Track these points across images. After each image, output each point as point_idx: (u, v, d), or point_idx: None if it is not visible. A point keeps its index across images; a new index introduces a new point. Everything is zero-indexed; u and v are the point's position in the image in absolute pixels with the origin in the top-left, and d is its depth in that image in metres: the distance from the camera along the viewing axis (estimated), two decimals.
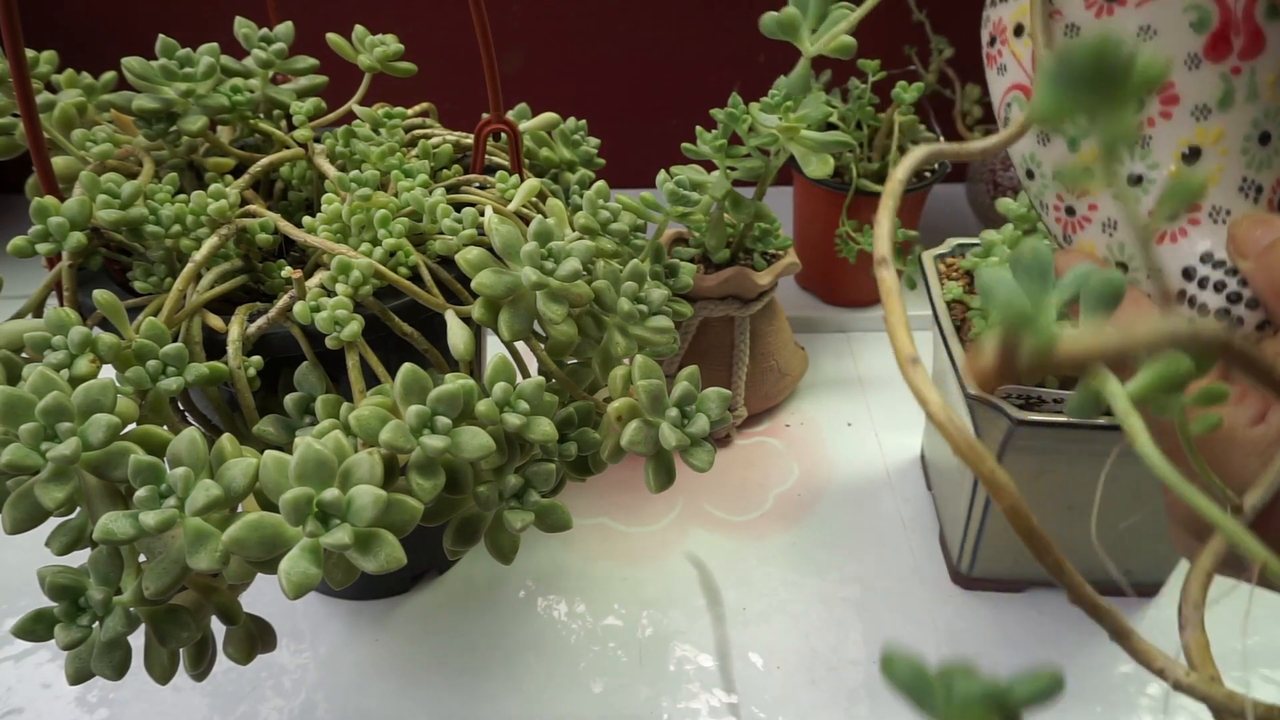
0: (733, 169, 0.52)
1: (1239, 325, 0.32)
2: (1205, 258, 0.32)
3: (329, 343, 0.36)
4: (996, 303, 0.21)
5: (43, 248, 0.36)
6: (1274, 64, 0.29)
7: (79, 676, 0.32)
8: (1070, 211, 0.35)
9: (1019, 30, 0.34)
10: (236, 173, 0.45)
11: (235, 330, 0.36)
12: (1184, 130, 0.31)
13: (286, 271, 0.36)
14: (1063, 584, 0.18)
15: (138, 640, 0.33)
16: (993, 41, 0.35)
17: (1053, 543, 0.17)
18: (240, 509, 0.32)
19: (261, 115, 0.47)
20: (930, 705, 0.16)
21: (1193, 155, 0.31)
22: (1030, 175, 0.36)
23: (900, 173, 0.26)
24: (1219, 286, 0.32)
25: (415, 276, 0.39)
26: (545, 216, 0.38)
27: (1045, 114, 0.11)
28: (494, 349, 0.42)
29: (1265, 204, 0.32)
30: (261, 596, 0.38)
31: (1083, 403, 0.22)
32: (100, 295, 0.34)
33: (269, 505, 0.31)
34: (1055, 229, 0.36)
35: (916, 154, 0.27)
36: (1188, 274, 0.33)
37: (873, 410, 0.66)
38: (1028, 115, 0.31)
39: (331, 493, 0.30)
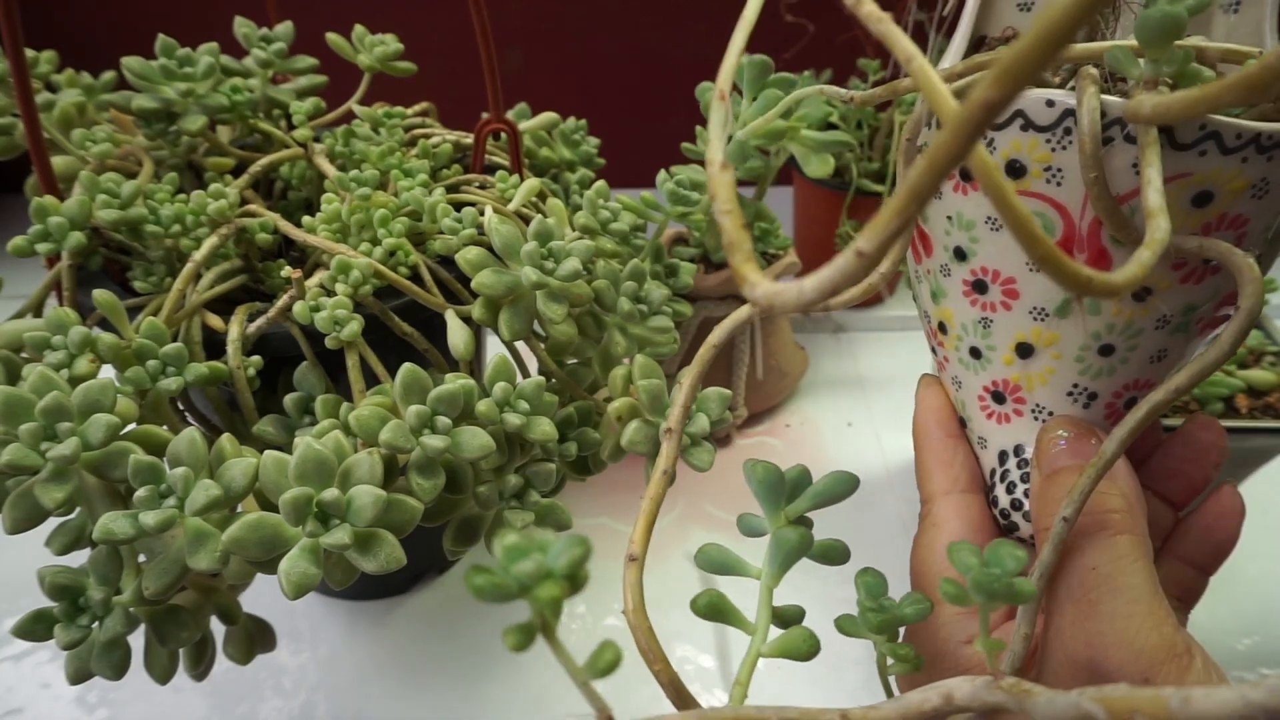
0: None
1: (1014, 531, 0.33)
2: (1017, 450, 0.32)
3: (329, 342, 0.35)
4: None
5: (42, 247, 0.36)
6: None
7: (79, 676, 0.32)
8: (934, 351, 0.36)
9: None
10: (236, 172, 0.45)
11: (235, 330, 0.36)
12: (1020, 325, 0.31)
13: (286, 271, 0.36)
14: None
15: (137, 640, 0.33)
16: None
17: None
18: (240, 509, 0.32)
19: (261, 115, 0.46)
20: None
21: (1025, 351, 0.31)
22: (914, 300, 0.36)
23: (713, 338, 0.30)
24: (1010, 487, 0.32)
25: (415, 276, 0.39)
26: (545, 216, 0.38)
27: None
28: (494, 349, 0.42)
29: (1102, 409, 0.31)
30: (261, 596, 0.38)
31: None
32: (100, 295, 0.34)
33: (269, 505, 0.31)
34: (930, 351, 0.37)
35: (734, 317, 0.30)
36: (1001, 458, 0.33)
37: (873, 410, 0.66)
38: None
39: (331, 493, 0.30)
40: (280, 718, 0.46)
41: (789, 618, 0.26)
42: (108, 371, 0.33)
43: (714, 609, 0.25)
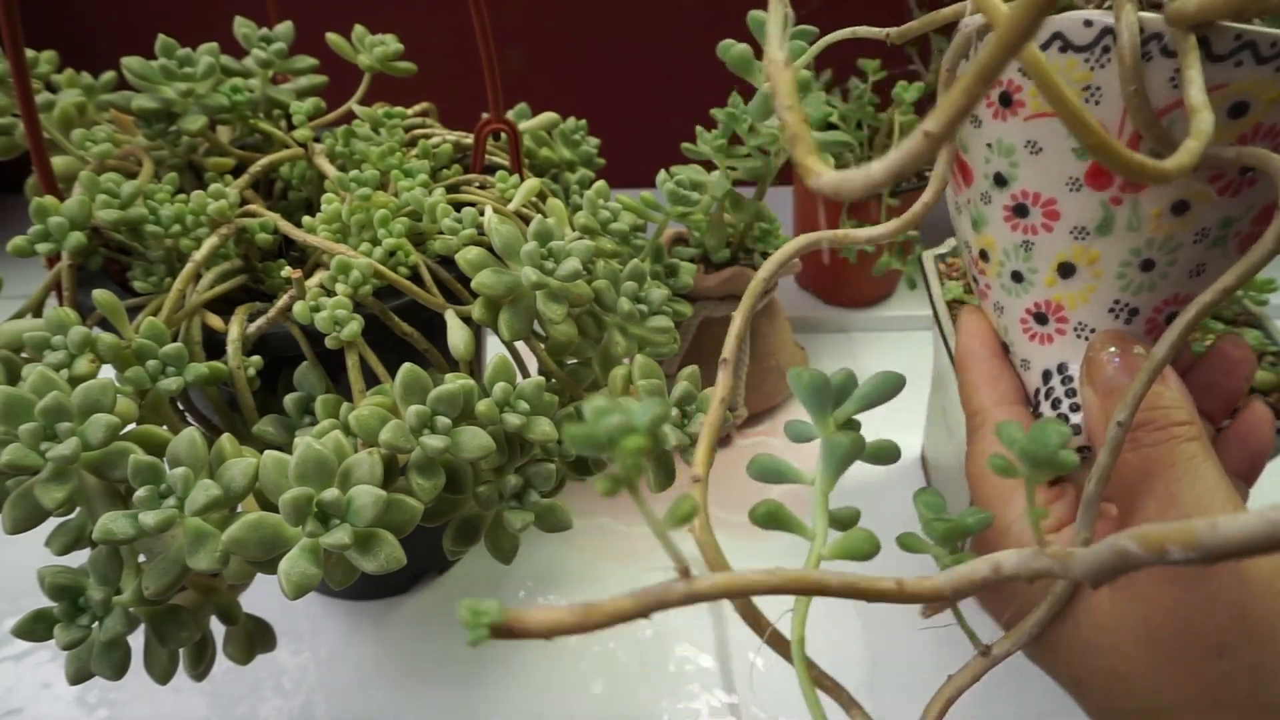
0: (733, 169, 0.52)
1: None
2: (1061, 369, 0.33)
3: (329, 342, 0.35)
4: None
5: (42, 247, 0.36)
6: (1159, 198, 0.29)
7: (79, 676, 0.32)
8: (975, 280, 0.36)
9: None
10: (236, 172, 0.45)
11: (235, 330, 0.36)
12: (1062, 246, 0.31)
13: (286, 271, 0.36)
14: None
15: (137, 640, 0.33)
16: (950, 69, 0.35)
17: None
18: (240, 509, 0.32)
19: (261, 115, 0.46)
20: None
21: (1067, 270, 0.32)
22: (956, 231, 0.37)
23: (764, 272, 0.30)
24: (1055, 403, 0.33)
25: (415, 276, 0.39)
26: (545, 216, 0.38)
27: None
28: (494, 349, 0.42)
29: (1143, 325, 0.32)
30: (261, 596, 0.38)
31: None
32: (100, 295, 0.34)
33: (269, 505, 0.31)
34: (970, 281, 0.38)
35: (790, 248, 0.31)
36: (1045, 377, 0.34)
37: (873, 410, 0.65)
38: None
39: (331, 493, 0.30)
40: (280, 718, 0.46)
41: (845, 520, 0.27)
42: (108, 371, 0.33)
43: (772, 517, 0.26)
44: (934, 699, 0.26)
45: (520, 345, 0.40)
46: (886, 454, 0.29)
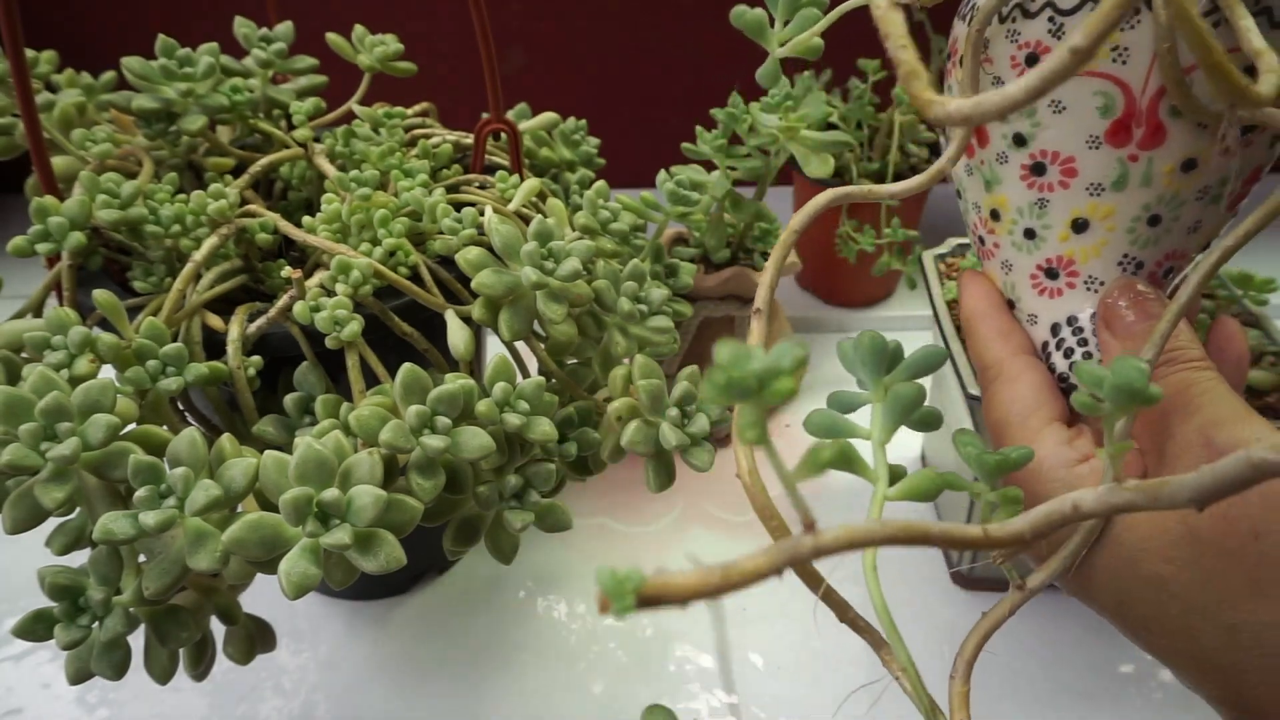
0: (733, 169, 0.52)
1: (1072, 393, 0.35)
2: (1070, 320, 0.35)
3: (329, 343, 0.35)
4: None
5: (42, 247, 0.36)
6: (1172, 155, 0.31)
7: (79, 676, 0.32)
8: (981, 241, 0.38)
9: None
10: (236, 172, 0.45)
11: (235, 330, 0.36)
12: (1077, 202, 0.33)
13: (286, 271, 0.36)
14: None
15: (137, 640, 0.33)
16: (948, 57, 0.36)
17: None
18: (240, 509, 0.32)
19: (261, 115, 0.47)
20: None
21: (1081, 226, 0.33)
22: (959, 195, 0.38)
23: (795, 223, 0.32)
24: (1068, 353, 0.35)
25: (415, 276, 0.39)
26: (545, 216, 0.38)
27: (709, 399, 0.14)
28: (494, 349, 0.42)
29: (1147, 277, 0.34)
30: (261, 596, 0.38)
31: None
32: (100, 295, 0.34)
33: (269, 505, 0.31)
34: (974, 243, 0.39)
35: (821, 199, 0.30)
36: (1054, 329, 0.35)
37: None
38: None
39: (331, 493, 0.30)
40: (280, 718, 0.46)
41: (896, 474, 0.28)
42: (108, 372, 0.33)
43: (843, 457, 0.26)
44: (971, 633, 0.27)
45: (520, 345, 0.40)
46: (934, 419, 0.31)
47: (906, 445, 0.62)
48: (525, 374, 0.37)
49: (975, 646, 0.27)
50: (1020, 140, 0.33)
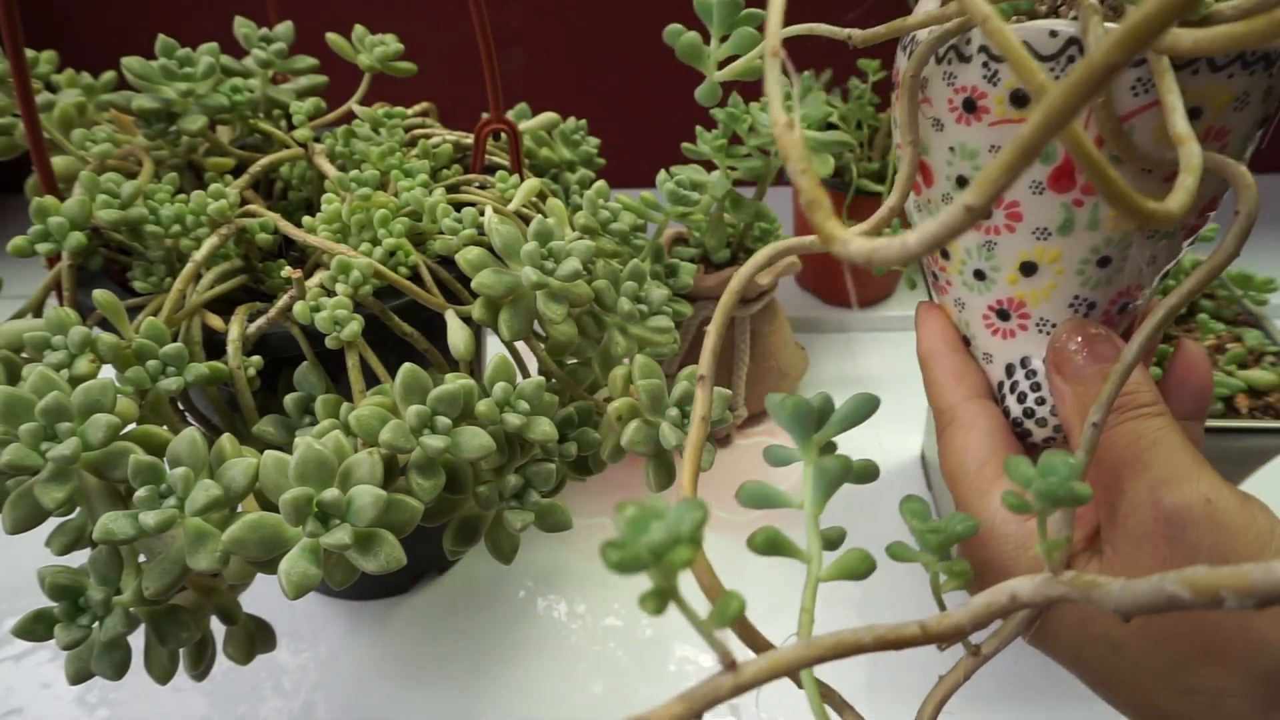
0: (733, 169, 0.52)
1: (1027, 437, 0.35)
2: (1024, 362, 0.34)
3: (329, 342, 0.35)
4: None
5: (42, 247, 0.36)
6: None
7: (79, 676, 0.32)
8: (935, 276, 0.37)
9: None
10: (236, 172, 0.45)
11: (235, 330, 0.36)
12: (1024, 245, 0.32)
13: (286, 271, 0.36)
14: None
15: (137, 640, 0.33)
16: (893, 87, 0.35)
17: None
18: (240, 509, 0.32)
19: (261, 115, 0.47)
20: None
21: (1029, 269, 0.33)
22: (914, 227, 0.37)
23: (735, 284, 0.31)
24: (1021, 397, 0.34)
25: (415, 276, 0.39)
26: (545, 216, 0.38)
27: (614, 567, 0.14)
28: (494, 349, 0.42)
29: (1100, 316, 0.33)
30: (261, 596, 0.38)
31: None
32: (100, 295, 0.34)
33: (269, 505, 0.31)
34: (929, 277, 0.38)
35: (764, 252, 0.32)
36: (1009, 370, 0.35)
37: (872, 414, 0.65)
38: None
39: (331, 493, 0.30)
40: (280, 718, 0.46)
41: (833, 540, 0.28)
42: (108, 372, 0.33)
43: (772, 543, 0.26)
44: (926, 701, 0.27)
45: (520, 345, 0.40)
46: (869, 474, 0.30)
47: (905, 447, 0.62)
48: (525, 374, 0.37)
49: (933, 712, 0.27)
50: (964, 182, 0.32)
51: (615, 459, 0.38)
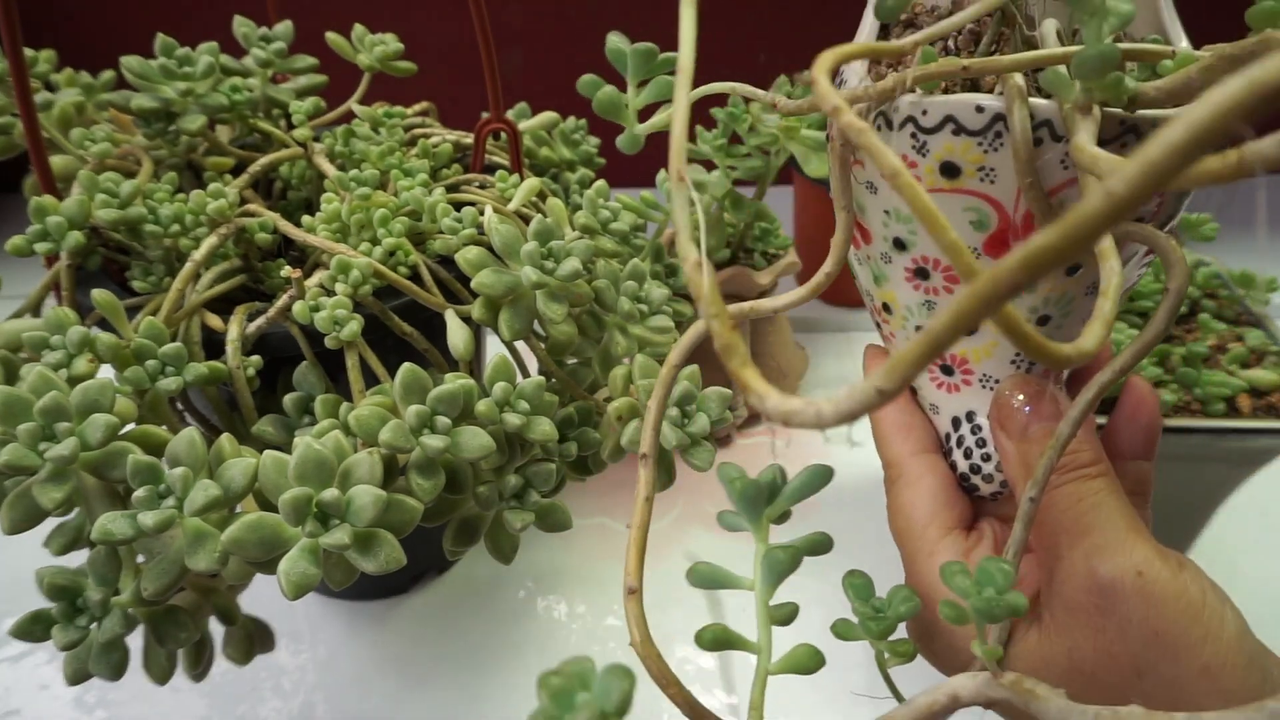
0: (733, 168, 0.52)
1: (974, 492, 0.35)
2: (969, 417, 0.34)
3: (328, 342, 0.35)
4: None
5: (41, 247, 0.35)
6: None
7: (77, 677, 0.32)
8: (879, 326, 0.37)
9: None
10: (236, 172, 0.45)
11: (234, 330, 0.36)
12: None
13: (286, 271, 0.36)
14: None
15: (136, 641, 0.33)
16: (827, 138, 0.34)
17: None
18: (239, 509, 0.32)
19: (261, 114, 0.46)
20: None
21: (969, 329, 0.32)
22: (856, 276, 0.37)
23: (685, 341, 0.31)
24: (967, 453, 0.34)
25: (415, 276, 0.39)
26: (545, 216, 0.38)
27: None
28: (494, 349, 0.42)
29: (1040, 370, 0.33)
30: (260, 597, 0.38)
31: None
32: (99, 295, 0.34)
33: (268, 505, 0.31)
34: (874, 324, 0.38)
35: (688, 337, 0.31)
36: (955, 424, 0.35)
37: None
38: None
39: (331, 493, 0.29)
40: (280, 718, 0.46)
41: (782, 619, 0.28)
42: (107, 371, 0.33)
43: (719, 640, 0.26)
44: None
45: (520, 345, 0.40)
46: (821, 547, 0.30)
47: None
48: (525, 374, 0.37)
49: None
50: (900, 244, 0.32)
51: (615, 459, 0.38)
